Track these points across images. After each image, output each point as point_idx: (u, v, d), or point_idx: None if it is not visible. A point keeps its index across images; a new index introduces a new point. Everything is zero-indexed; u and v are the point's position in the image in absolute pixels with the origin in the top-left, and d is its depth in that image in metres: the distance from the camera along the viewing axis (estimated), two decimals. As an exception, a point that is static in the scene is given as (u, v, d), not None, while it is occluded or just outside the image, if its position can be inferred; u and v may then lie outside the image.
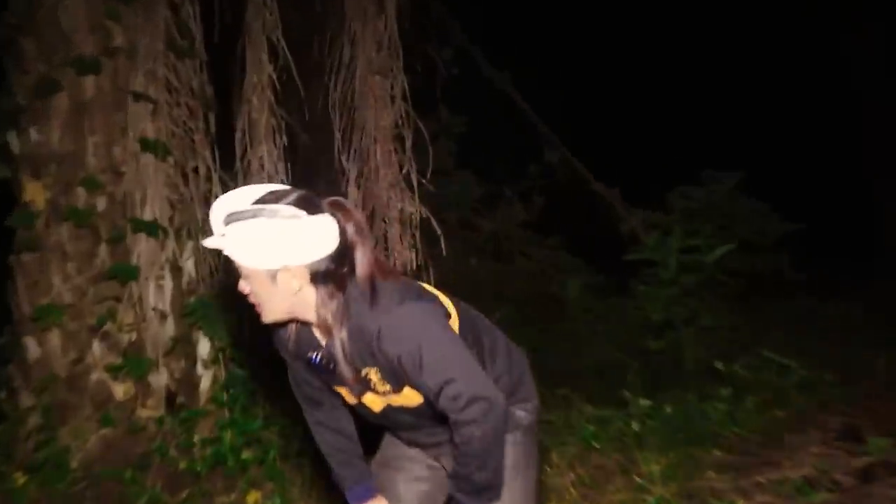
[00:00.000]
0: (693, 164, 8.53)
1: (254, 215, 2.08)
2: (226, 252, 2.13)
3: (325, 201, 2.16)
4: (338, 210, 2.16)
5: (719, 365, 5.83)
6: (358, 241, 2.17)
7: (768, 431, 4.76)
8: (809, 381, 5.26)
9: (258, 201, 2.10)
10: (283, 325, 2.33)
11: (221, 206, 2.14)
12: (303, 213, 2.09)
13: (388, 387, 2.24)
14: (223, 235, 2.13)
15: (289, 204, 2.09)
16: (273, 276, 2.13)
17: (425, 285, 2.37)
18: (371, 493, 2.62)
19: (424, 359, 2.10)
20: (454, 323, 2.31)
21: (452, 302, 2.37)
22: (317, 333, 2.30)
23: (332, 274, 2.15)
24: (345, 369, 2.22)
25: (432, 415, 2.27)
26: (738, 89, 12.64)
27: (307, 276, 2.15)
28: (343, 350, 2.20)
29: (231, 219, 2.10)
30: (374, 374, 2.22)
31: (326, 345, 2.26)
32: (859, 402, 4.88)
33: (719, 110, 12.50)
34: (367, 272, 2.17)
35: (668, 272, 6.71)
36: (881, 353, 5.07)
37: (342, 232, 2.15)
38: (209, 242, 2.15)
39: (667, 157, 11.52)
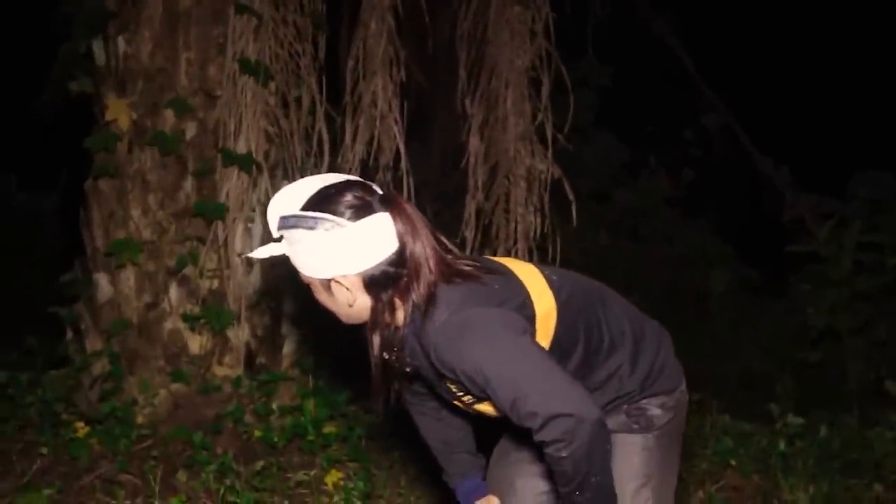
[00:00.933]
0: (883, 146, 8.34)
1: (304, 224, 2.17)
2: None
3: (377, 197, 2.21)
4: (391, 206, 2.20)
5: (891, 386, 5.74)
6: (411, 242, 2.21)
7: (944, 470, 4.70)
8: None
9: (308, 205, 2.19)
10: None
11: (273, 209, 2.25)
12: (355, 217, 2.17)
13: (469, 397, 2.31)
14: (278, 240, 2.27)
15: (342, 207, 2.17)
16: (327, 285, 2.25)
17: (516, 267, 2.39)
18: (481, 490, 2.69)
19: (488, 374, 2.13)
20: (550, 319, 2.32)
21: (555, 287, 2.37)
22: None
23: (390, 280, 2.22)
24: (427, 377, 2.36)
25: None
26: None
27: (360, 286, 2.23)
28: (416, 362, 2.31)
29: (283, 224, 2.21)
30: (452, 385, 2.30)
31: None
32: None
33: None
34: (425, 276, 2.21)
35: (840, 271, 6.61)
36: None
37: (399, 233, 2.21)
38: (260, 252, 2.29)
39: (851, 136, 11.25)
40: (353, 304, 2.25)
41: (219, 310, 4.77)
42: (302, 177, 4.52)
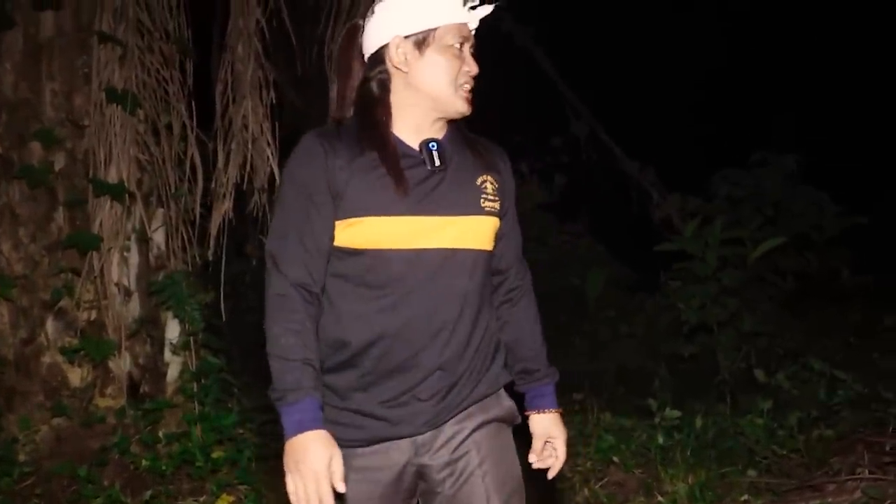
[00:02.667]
0: (742, 146, 8.60)
1: None
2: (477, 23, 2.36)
3: None
4: None
5: (759, 375, 5.93)
6: None
7: (812, 452, 4.85)
8: (863, 397, 5.36)
9: None
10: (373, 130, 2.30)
11: None
12: None
13: (497, 204, 2.31)
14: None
15: None
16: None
17: None
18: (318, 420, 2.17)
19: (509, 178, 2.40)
20: None
21: None
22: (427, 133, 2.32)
23: None
24: (461, 166, 2.30)
25: (484, 297, 2.31)
26: (798, 60, 12.69)
27: None
28: (460, 147, 2.34)
29: None
30: (490, 184, 2.32)
31: (442, 143, 2.31)
32: (920, 422, 4.99)
33: (775, 83, 12.56)
34: None
35: (706, 267, 6.79)
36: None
37: None
38: (474, 18, 2.35)
39: (712, 136, 11.60)
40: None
41: (98, 341, 4.69)
42: (177, 204, 4.44)
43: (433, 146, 2.27)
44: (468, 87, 2.28)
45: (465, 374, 2.27)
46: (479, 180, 2.29)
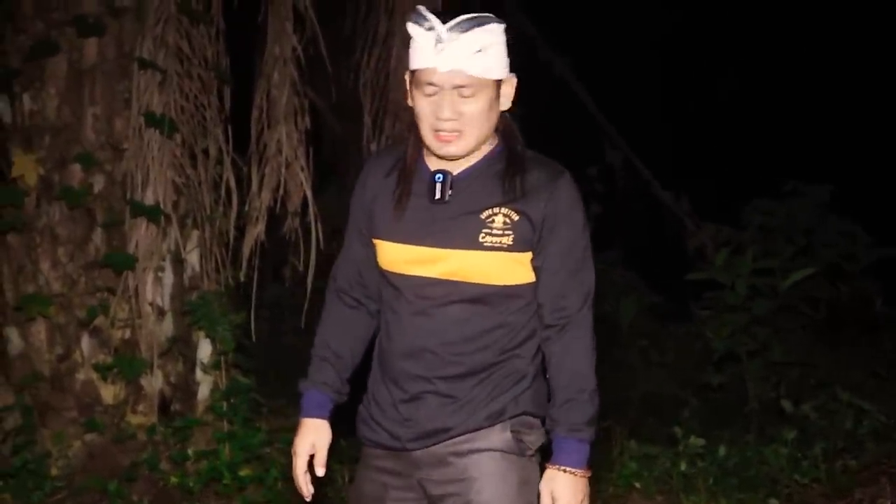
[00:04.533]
0: (777, 175, 8.54)
1: (488, 21, 2.18)
2: (459, 65, 2.18)
3: None
4: None
5: (786, 405, 5.87)
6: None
7: (835, 482, 4.80)
8: (888, 428, 5.30)
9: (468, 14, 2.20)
10: (392, 156, 2.40)
11: (434, 22, 2.18)
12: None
13: (505, 239, 2.23)
14: (453, 43, 2.18)
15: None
16: (498, 87, 2.25)
17: None
18: (325, 409, 2.49)
19: (584, 244, 2.29)
20: None
21: None
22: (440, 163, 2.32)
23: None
24: (469, 200, 2.27)
25: (483, 327, 2.28)
26: (835, 89, 12.61)
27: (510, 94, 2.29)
28: (482, 179, 2.29)
29: (469, 25, 2.16)
30: (502, 218, 2.24)
31: (457, 174, 2.29)
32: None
33: (810, 113, 12.48)
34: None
35: (736, 296, 6.73)
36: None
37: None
38: (447, 63, 2.19)
39: (747, 165, 11.54)
40: (499, 110, 2.29)
41: (131, 359, 4.75)
42: (212, 226, 4.50)
43: (438, 178, 2.28)
44: (442, 130, 2.21)
45: (464, 401, 2.28)
46: (486, 214, 2.24)
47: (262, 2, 5.21)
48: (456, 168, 2.29)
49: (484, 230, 2.23)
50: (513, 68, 2.27)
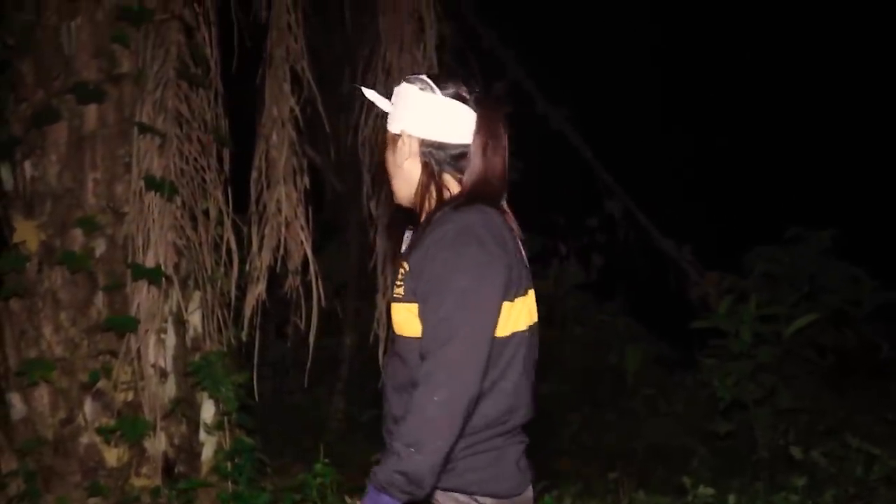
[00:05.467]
0: (779, 222, 8.57)
1: (412, 81, 2.37)
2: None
3: (476, 97, 2.35)
4: (482, 111, 2.33)
5: (796, 452, 5.86)
6: (479, 153, 2.32)
7: (847, 529, 4.80)
8: (900, 473, 5.29)
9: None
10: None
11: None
12: (449, 95, 2.33)
13: (401, 289, 2.27)
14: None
15: (445, 83, 2.35)
16: (395, 140, 2.38)
17: None
18: None
19: (446, 286, 2.16)
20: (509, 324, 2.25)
21: (530, 323, 2.32)
22: None
23: (441, 166, 2.34)
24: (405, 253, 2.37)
25: (402, 380, 2.27)
26: (833, 136, 12.69)
27: (417, 153, 2.34)
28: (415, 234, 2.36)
29: (405, 82, 2.40)
30: (403, 269, 2.29)
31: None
32: (956, 499, 4.90)
33: (810, 159, 12.54)
34: (473, 186, 2.31)
35: (741, 344, 6.76)
36: None
37: (480, 132, 2.32)
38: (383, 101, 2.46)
39: (749, 212, 11.58)
40: (403, 166, 2.36)
41: (134, 421, 4.74)
42: (213, 287, 4.54)
43: (407, 234, 2.44)
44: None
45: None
46: (401, 266, 2.32)
47: (259, 64, 5.28)
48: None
49: (396, 283, 2.31)
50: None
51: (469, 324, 2.14)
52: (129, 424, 4.72)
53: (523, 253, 2.37)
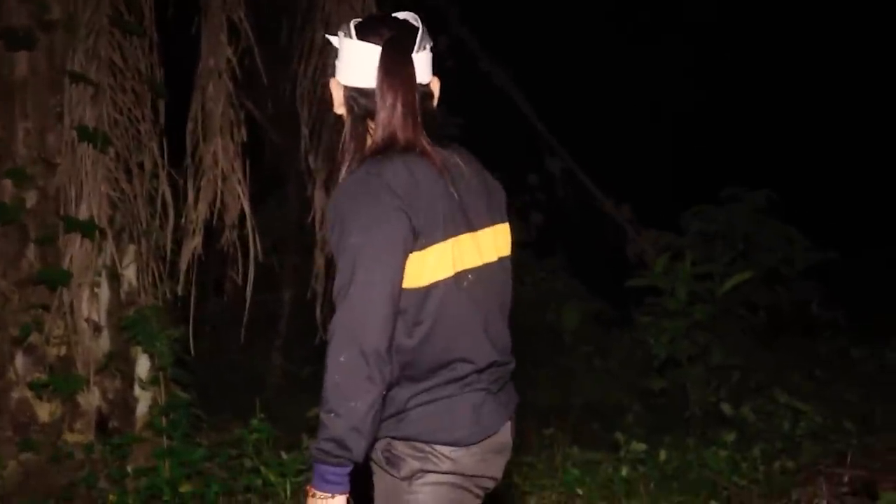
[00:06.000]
0: (717, 181, 8.66)
1: (342, 29, 2.27)
2: None
3: (388, 37, 2.21)
4: (386, 51, 2.19)
5: (726, 408, 5.96)
6: (382, 98, 2.19)
7: (773, 483, 4.87)
8: (825, 429, 5.40)
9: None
10: None
11: None
12: (362, 37, 2.21)
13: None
14: None
15: (365, 27, 2.24)
16: (329, 86, 2.33)
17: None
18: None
19: (334, 221, 2.12)
20: (431, 267, 2.16)
21: (475, 263, 2.25)
22: None
23: (359, 110, 2.25)
24: None
25: None
26: (771, 94, 12.83)
27: (342, 100, 2.29)
28: None
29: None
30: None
31: None
32: (879, 454, 5.02)
33: (748, 119, 12.68)
34: (383, 134, 2.19)
35: (676, 302, 6.83)
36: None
37: (378, 75, 2.19)
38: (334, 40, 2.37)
39: (687, 172, 11.69)
40: (340, 115, 2.31)
41: (67, 376, 4.69)
42: (148, 240, 4.46)
43: None
44: None
45: None
46: None
47: (196, 13, 5.18)
48: None
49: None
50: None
51: (363, 281, 2.07)
52: (61, 379, 4.67)
53: (460, 192, 2.23)
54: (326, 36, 2.44)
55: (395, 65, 2.18)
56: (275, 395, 7.76)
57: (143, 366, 5.01)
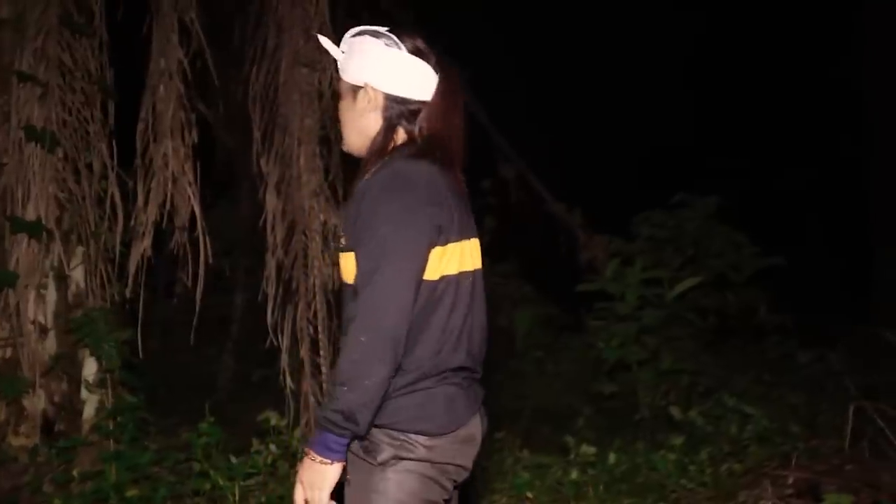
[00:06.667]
0: (668, 187, 8.74)
1: (372, 34, 2.44)
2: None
3: (437, 60, 2.46)
4: (443, 76, 2.45)
5: (675, 412, 6.00)
6: (436, 113, 2.44)
7: (720, 486, 4.91)
8: (772, 432, 5.45)
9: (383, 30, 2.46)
10: None
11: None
12: (413, 53, 2.43)
13: (342, 239, 2.38)
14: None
15: (409, 41, 2.45)
16: (355, 92, 2.47)
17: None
18: None
19: (365, 210, 2.28)
20: (437, 268, 2.33)
21: (469, 267, 2.42)
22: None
23: (401, 119, 2.45)
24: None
25: (345, 327, 2.36)
26: (719, 99, 12.97)
27: (380, 106, 2.45)
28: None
29: (356, 34, 2.47)
30: (342, 220, 2.41)
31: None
32: (824, 457, 5.08)
33: (699, 126, 12.81)
34: (428, 141, 2.43)
35: (626, 306, 6.87)
36: (854, 405, 5.26)
37: (437, 91, 2.44)
38: (326, 43, 2.53)
39: (639, 178, 11.78)
40: (363, 117, 2.45)
41: (12, 379, 4.64)
42: (97, 242, 4.42)
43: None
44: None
45: None
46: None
47: (147, 14, 5.14)
48: None
49: (340, 232, 2.41)
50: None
51: (392, 267, 2.24)
52: (6, 382, 4.61)
53: (467, 208, 2.48)
54: (321, 39, 2.57)
55: (458, 88, 2.49)
56: (225, 399, 7.71)
57: (90, 368, 4.95)
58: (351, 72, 2.46)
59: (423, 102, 2.43)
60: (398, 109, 2.43)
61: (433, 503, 2.40)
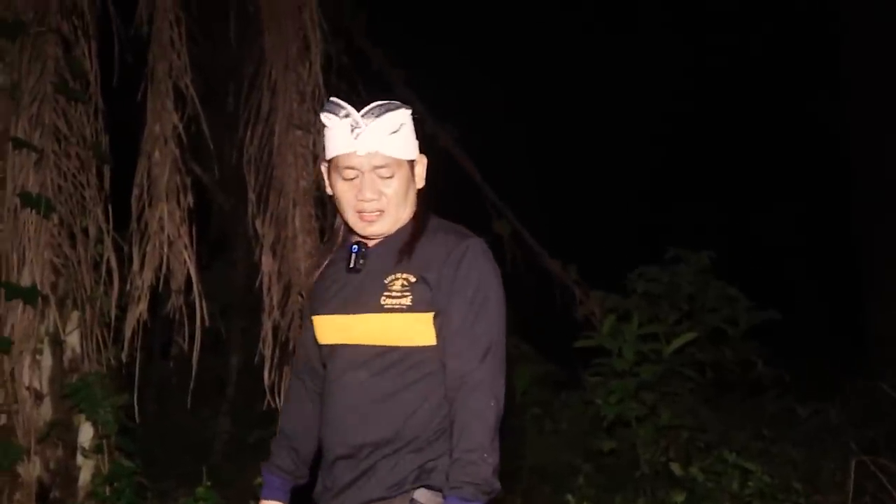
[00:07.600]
0: (662, 243, 8.75)
1: (397, 106, 2.41)
2: (376, 147, 2.38)
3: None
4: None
5: (675, 468, 5.95)
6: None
7: (723, 543, 4.89)
8: (773, 488, 5.40)
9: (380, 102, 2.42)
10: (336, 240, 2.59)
11: (349, 110, 2.38)
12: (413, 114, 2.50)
13: (404, 300, 2.35)
14: (369, 127, 2.38)
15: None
16: (412, 166, 2.48)
17: None
18: (281, 493, 2.65)
19: (490, 298, 2.39)
20: None
21: None
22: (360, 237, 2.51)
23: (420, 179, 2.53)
24: (377, 268, 2.43)
25: (386, 391, 2.35)
26: (712, 161, 13.04)
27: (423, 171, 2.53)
28: (390, 249, 2.45)
29: (381, 110, 2.38)
30: (401, 282, 2.37)
31: (372, 245, 2.48)
32: (826, 512, 5.05)
33: (691, 184, 12.87)
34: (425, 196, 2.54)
35: (624, 362, 6.84)
36: (855, 460, 5.23)
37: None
38: (365, 146, 2.38)
39: (634, 233, 11.80)
40: (416, 187, 2.52)
41: (7, 446, 4.58)
42: (93, 306, 4.44)
43: (354, 248, 2.48)
44: (364, 210, 2.42)
45: (367, 469, 2.32)
46: (389, 279, 2.38)
47: (142, 80, 5.17)
48: (374, 241, 2.47)
49: (384, 293, 2.36)
50: (422, 150, 2.50)
51: (502, 333, 2.43)
52: (1, 449, 4.55)
53: None
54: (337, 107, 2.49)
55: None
56: (222, 461, 7.64)
57: (86, 434, 4.91)
58: (410, 147, 2.47)
59: None
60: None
61: None
